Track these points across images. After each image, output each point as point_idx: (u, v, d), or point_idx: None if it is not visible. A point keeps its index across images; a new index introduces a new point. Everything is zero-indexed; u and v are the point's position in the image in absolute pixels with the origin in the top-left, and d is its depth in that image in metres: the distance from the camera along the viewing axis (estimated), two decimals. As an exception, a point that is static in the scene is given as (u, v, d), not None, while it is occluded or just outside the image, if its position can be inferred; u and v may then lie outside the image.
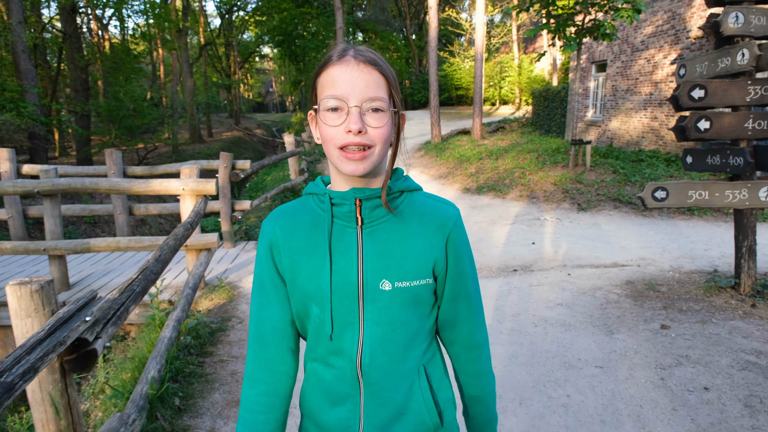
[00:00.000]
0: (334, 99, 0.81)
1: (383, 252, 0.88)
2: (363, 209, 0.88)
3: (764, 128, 3.63)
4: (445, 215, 0.92)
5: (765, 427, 2.25)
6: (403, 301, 0.88)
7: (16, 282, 1.80)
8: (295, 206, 0.94)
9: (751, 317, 3.41)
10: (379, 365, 0.89)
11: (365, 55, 0.83)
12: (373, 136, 0.82)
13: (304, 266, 0.89)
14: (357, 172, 0.82)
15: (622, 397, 2.58)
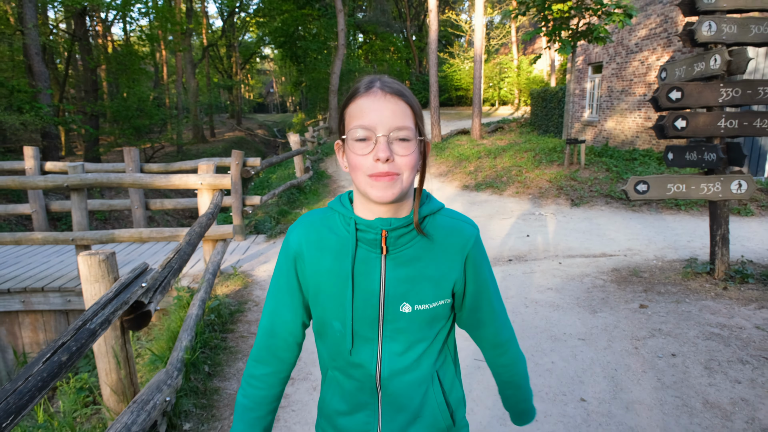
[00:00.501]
0: (362, 129, 0.84)
1: (406, 278, 0.91)
2: (388, 238, 0.90)
3: (735, 127, 3.98)
4: (465, 236, 0.95)
5: (719, 384, 2.60)
6: (422, 322, 0.93)
7: (86, 253, 2.15)
8: (322, 220, 0.96)
9: (722, 298, 3.76)
10: (396, 377, 0.94)
11: (391, 87, 0.86)
12: (401, 164, 0.84)
13: (328, 285, 0.93)
14: (385, 198, 0.84)
15: (600, 363, 2.92)
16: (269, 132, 41.61)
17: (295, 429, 2.46)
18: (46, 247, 6.29)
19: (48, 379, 1.58)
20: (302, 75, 31.80)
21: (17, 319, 5.10)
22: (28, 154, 6.32)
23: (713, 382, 2.62)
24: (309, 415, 2.57)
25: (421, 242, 0.92)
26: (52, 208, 6.59)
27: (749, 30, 3.90)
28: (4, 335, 5.13)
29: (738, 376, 2.67)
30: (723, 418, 2.33)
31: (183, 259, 2.94)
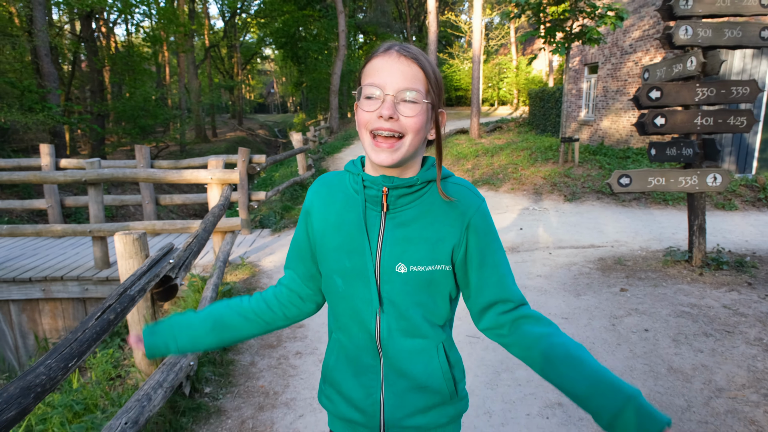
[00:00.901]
0: (371, 86, 0.86)
1: (402, 238, 0.92)
2: (389, 197, 0.92)
3: (710, 124, 4.27)
4: (467, 203, 0.94)
5: (683, 354, 2.89)
6: (417, 285, 0.93)
7: (122, 233, 2.45)
8: (335, 179, 1.01)
9: (696, 282, 4.05)
10: (395, 340, 0.95)
11: (408, 50, 0.87)
12: (405, 124, 0.85)
13: (331, 239, 0.96)
14: (385, 162, 0.86)
15: (579, 338, 3.21)
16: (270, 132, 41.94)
17: (303, 393, 2.75)
18: (61, 240, 6.59)
19: (99, 333, 1.88)
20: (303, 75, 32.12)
21: (38, 307, 5.39)
22: (44, 152, 6.62)
23: (678, 352, 2.92)
24: (315, 382, 2.87)
25: (422, 205, 0.93)
26: (66, 203, 6.90)
27: (723, 34, 4.19)
28: (26, 322, 5.43)
29: (701, 346, 2.96)
30: (684, 381, 2.63)
31: (200, 243, 3.24)
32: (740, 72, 8.61)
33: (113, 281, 5.20)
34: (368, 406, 0.99)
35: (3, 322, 5.41)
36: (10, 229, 5.25)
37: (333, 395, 1.04)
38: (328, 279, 0.99)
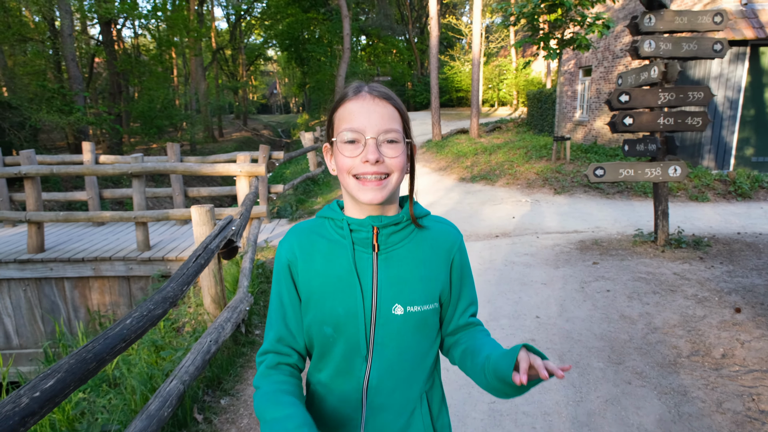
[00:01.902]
0: (351, 132, 0.86)
1: (397, 278, 0.91)
2: (380, 236, 0.92)
3: (671, 123, 5.00)
4: (450, 240, 0.97)
5: (634, 306, 3.63)
6: (413, 326, 0.92)
7: (197, 206, 3.20)
8: (312, 228, 0.97)
9: (657, 257, 4.79)
10: (385, 388, 0.92)
11: (379, 91, 0.88)
12: (390, 165, 0.87)
13: (319, 288, 0.92)
14: (375, 200, 0.86)
15: (554, 298, 3.95)
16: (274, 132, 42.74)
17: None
18: (101, 228, 7.35)
19: (197, 271, 2.63)
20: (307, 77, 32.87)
21: (88, 284, 6.15)
22: (86, 149, 7.38)
23: (630, 305, 3.66)
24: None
25: (411, 243, 0.94)
26: (104, 195, 7.66)
27: (681, 47, 4.92)
28: (77, 297, 6.18)
29: (648, 301, 3.70)
30: (630, 323, 3.37)
31: (245, 218, 3.99)
32: (718, 76, 9.32)
33: (155, 261, 5.95)
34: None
35: (58, 296, 6.17)
36: (65, 215, 6.00)
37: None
38: (315, 330, 0.94)
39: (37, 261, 5.93)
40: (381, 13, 30.86)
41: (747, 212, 6.77)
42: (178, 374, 2.39)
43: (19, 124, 9.99)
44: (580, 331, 3.32)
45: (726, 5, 9.13)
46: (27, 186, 5.99)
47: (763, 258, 4.57)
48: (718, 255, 4.76)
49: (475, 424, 2.41)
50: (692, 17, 4.93)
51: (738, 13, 9.04)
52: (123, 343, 1.88)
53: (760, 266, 4.33)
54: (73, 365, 1.61)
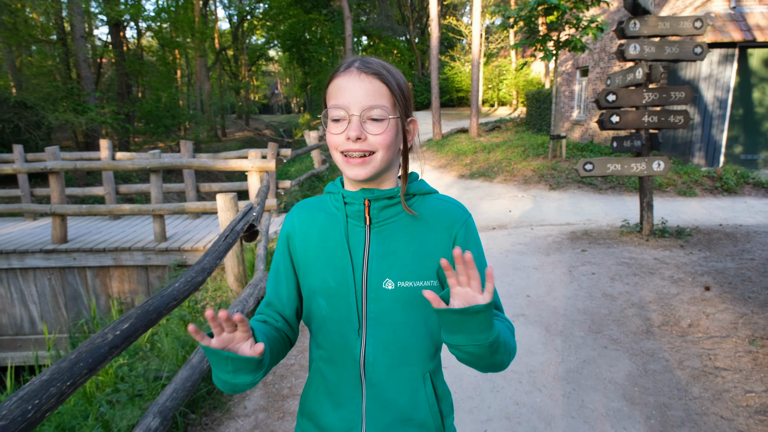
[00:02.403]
0: (336, 108, 0.86)
1: (388, 252, 0.91)
2: (371, 209, 0.92)
3: (655, 121, 5.37)
4: (453, 217, 0.94)
5: (615, 286, 4.00)
6: (406, 302, 0.90)
7: (221, 194, 3.58)
8: (315, 202, 1.00)
9: (641, 245, 5.16)
10: (381, 366, 0.91)
11: (369, 66, 0.87)
12: (374, 142, 0.86)
13: (314, 260, 0.94)
14: (359, 176, 0.87)
15: (544, 280, 4.33)
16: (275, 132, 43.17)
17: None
18: (117, 222, 7.73)
19: (226, 249, 3.00)
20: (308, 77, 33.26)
21: (108, 273, 6.53)
22: (103, 146, 7.75)
23: (612, 285, 4.03)
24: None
25: (407, 218, 0.93)
26: (120, 190, 8.04)
27: (664, 50, 5.29)
28: (98, 285, 6.56)
29: (629, 281, 4.07)
30: (610, 300, 3.74)
31: (262, 207, 4.37)
32: (708, 77, 9.68)
33: (172, 251, 6.33)
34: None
35: (80, 285, 6.56)
36: (88, 208, 6.38)
37: (310, 429, 0.99)
38: (310, 301, 0.96)
39: (61, 251, 6.31)
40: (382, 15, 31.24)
41: (731, 206, 7.14)
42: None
43: (34, 124, 10.39)
44: (565, 307, 3.70)
45: (715, 8, 9.49)
46: (52, 180, 6.37)
47: (738, 246, 4.94)
48: (697, 243, 5.14)
49: (469, 380, 2.78)
50: (674, 23, 5.29)
51: (727, 16, 9.40)
52: (174, 301, 2.26)
53: (734, 252, 4.70)
54: (140, 314, 1.99)
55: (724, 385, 2.59)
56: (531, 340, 3.20)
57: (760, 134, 9.89)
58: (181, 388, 2.29)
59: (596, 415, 2.42)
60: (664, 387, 2.61)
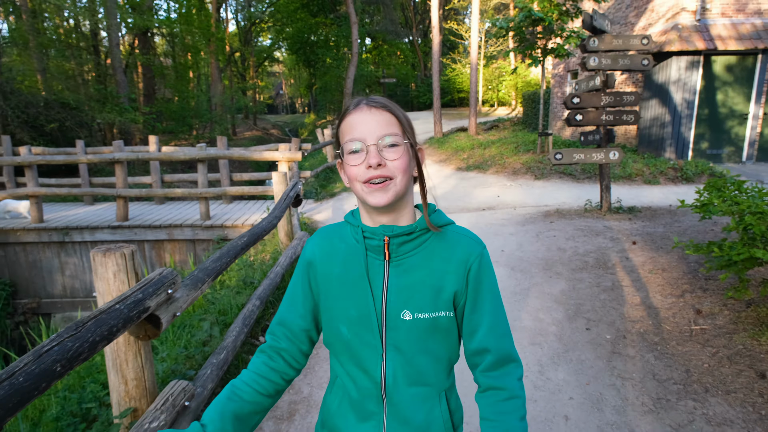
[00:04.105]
0: (353, 141, 0.93)
1: (406, 285, 0.97)
2: (390, 245, 0.97)
3: (611, 119, 6.65)
4: (468, 251, 0.99)
5: (569, 243, 5.30)
6: (422, 331, 0.97)
7: (275, 172, 4.89)
8: (335, 231, 1.06)
9: (598, 218, 6.45)
10: (401, 387, 0.98)
11: (376, 101, 0.95)
12: (393, 168, 0.92)
13: (335, 290, 1.01)
14: (381, 202, 0.92)
15: (516, 241, 5.61)
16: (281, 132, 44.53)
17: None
18: (163, 206, 9.06)
19: (284, 209, 4.31)
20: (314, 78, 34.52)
21: (162, 246, 7.85)
22: (152, 141, 9.09)
23: (566, 242, 5.33)
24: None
25: (423, 253, 0.98)
26: (165, 179, 9.37)
27: (618, 62, 6.57)
28: (154, 256, 7.89)
29: (579, 240, 5.37)
30: (562, 252, 5.03)
31: (296, 191, 5.67)
32: (677, 80, 10.94)
33: (215, 227, 7.64)
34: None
35: (139, 256, 7.87)
36: (147, 191, 7.71)
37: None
38: (331, 329, 1.02)
39: (125, 227, 7.64)
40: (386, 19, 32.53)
41: (686, 192, 8.40)
42: (281, 263, 4.09)
43: (79, 123, 11.73)
44: (529, 257, 4.99)
45: (683, 21, 10.75)
46: (117, 169, 7.69)
47: (674, 218, 6.22)
48: (642, 217, 6.42)
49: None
50: (626, 40, 6.58)
51: (693, 28, 10.66)
52: (264, 232, 3.57)
53: (668, 222, 5.98)
54: (252, 235, 3.29)
55: (623, 295, 3.88)
56: (499, 276, 4.50)
57: (723, 132, 11.15)
58: (269, 286, 3.61)
59: (534, 309, 3.73)
60: (582, 295, 3.91)
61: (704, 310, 3.40)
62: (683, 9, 10.72)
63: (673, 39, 10.51)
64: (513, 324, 3.51)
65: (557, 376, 2.86)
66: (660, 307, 3.59)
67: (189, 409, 2.22)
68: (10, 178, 8.92)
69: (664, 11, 11.37)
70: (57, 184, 9.75)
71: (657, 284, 3.99)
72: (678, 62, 10.77)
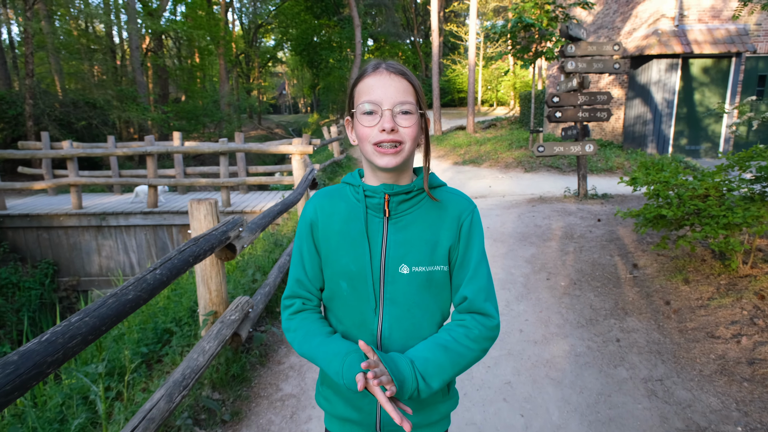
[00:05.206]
0: (369, 104, 0.97)
1: (404, 240, 1.03)
2: (390, 203, 1.03)
3: (587, 116, 7.55)
4: (461, 208, 1.07)
5: (545, 220, 6.20)
6: (419, 284, 1.04)
7: (295, 159, 5.80)
8: (334, 192, 1.11)
9: (574, 203, 7.35)
10: (396, 339, 1.05)
11: (395, 67, 0.99)
12: (404, 134, 0.97)
13: (337, 246, 1.06)
14: (390, 164, 0.97)
15: (500, 220, 6.52)
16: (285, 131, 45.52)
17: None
18: (186, 195, 9.98)
19: (305, 188, 5.23)
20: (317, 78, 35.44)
21: (188, 230, 8.76)
22: (176, 137, 10.01)
23: (542, 221, 6.24)
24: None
25: (420, 210, 1.05)
26: (187, 171, 10.29)
27: (592, 66, 7.47)
28: (181, 239, 8.81)
29: (553, 219, 6.27)
30: (537, 227, 5.94)
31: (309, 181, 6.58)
32: (658, 81, 11.82)
33: (235, 212, 8.56)
34: (366, 404, 1.08)
35: (167, 239, 8.81)
36: (175, 180, 8.63)
37: (331, 396, 1.13)
38: (332, 284, 1.08)
39: (155, 213, 8.57)
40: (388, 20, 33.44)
41: (660, 182, 9.29)
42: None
43: (104, 121, 12.68)
44: (509, 231, 5.91)
45: (662, 26, 11.63)
46: (148, 161, 8.62)
47: (640, 203, 7.12)
48: (613, 202, 7.32)
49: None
50: (599, 47, 7.48)
51: (671, 33, 11.55)
52: (292, 204, 4.48)
53: (633, 206, 6.88)
54: (266, 214, 4.20)
55: (581, 256, 4.78)
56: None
57: (700, 129, 12.03)
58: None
59: (508, 266, 4.64)
60: (547, 257, 4.82)
61: (639, 264, 4.31)
62: (663, 15, 11.60)
63: (653, 43, 11.40)
64: (489, 276, 4.42)
65: (519, 308, 3.78)
66: (606, 264, 4.51)
67: (249, 316, 3.13)
68: (48, 171, 9.86)
69: (647, 17, 12.26)
70: (91, 176, 10.69)
71: (609, 249, 4.90)
72: (658, 65, 11.66)
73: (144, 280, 1.92)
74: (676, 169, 3.87)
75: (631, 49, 12.26)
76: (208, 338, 2.56)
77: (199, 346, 2.48)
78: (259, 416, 2.55)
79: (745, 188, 3.58)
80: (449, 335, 1.03)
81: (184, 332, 3.44)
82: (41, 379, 1.37)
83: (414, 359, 0.98)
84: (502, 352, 3.11)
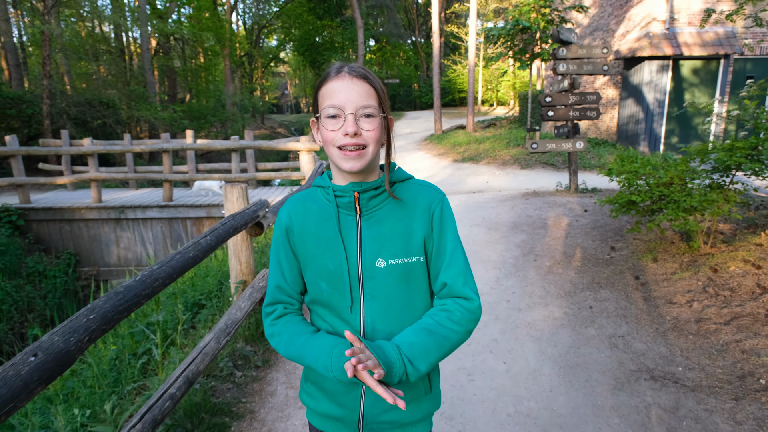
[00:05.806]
0: (332, 108, 0.99)
1: (378, 235, 1.06)
2: (360, 200, 1.06)
3: (578, 115, 8.04)
4: (430, 198, 1.09)
5: (535, 211, 6.70)
6: (397, 277, 1.07)
7: (305, 153, 6.30)
8: (306, 196, 1.14)
9: (565, 196, 7.85)
10: (379, 333, 1.07)
11: (357, 71, 1.00)
12: (367, 137, 1.00)
13: (313, 248, 1.09)
14: (355, 168, 1.01)
15: (495, 211, 7.02)
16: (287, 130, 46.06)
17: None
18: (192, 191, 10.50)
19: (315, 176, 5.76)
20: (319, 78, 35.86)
21: (202, 222, 9.28)
22: (188, 134, 10.52)
23: (534, 211, 6.74)
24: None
25: (391, 204, 1.08)
26: (199, 168, 10.80)
27: (582, 68, 7.96)
28: (195, 231, 9.32)
29: (544, 209, 6.77)
30: (529, 217, 6.44)
31: (318, 173, 7.09)
32: (649, 82, 12.30)
33: (247, 206, 9.06)
34: (349, 401, 1.09)
35: (182, 231, 9.32)
36: (189, 176, 9.14)
37: (315, 392, 1.15)
38: (313, 286, 1.11)
39: (171, 206, 9.08)
40: (390, 21, 33.94)
41: (649, 178, 9.78)
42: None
43: (117, 120, 13.20)
44: (503, 220, 6.41)
45: (654, 29, 12.11)
46: (164, 157, 9.12)
47: (627, 196, 7.61)
48: (601, 195, 7.81)
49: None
50: (589, 50, 7.97)
51: (662, 35, 12.03)
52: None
53: (620, 198, 7.37)
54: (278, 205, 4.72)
55: (566, 242, 5.28)
56: (478, 234, 5.90)
57: (690, 128, 12.51)
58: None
59: (500, 250, 5.14)
60: (536, 242, 5.32)
61: (617, 247, 4.81)
62: (654, 19, 12.09)
63: (645, 45, 11.89)
64: (483, 259, 4.92)
65: (507, 283, 4.28)
66: (588, 247, 5.01)
67: (273, 286, 3.65)
68: (67, 167, 10.38)
69: (639, 20, 12.74)
70: (110, 171, 11.21)
71: (592, 235, 5.39)
72: (650, 66, 12.14)
73: (199, 243, 2.43)
74: (648, 161, 4.36)
75: (625, 50, 12.75)
76: (243, 299, 3.07)
77: (235, 305, 2.98)
78: (286, 363, 3.06)
79: (707, 178, 4.08)
80: (432, 319, 1.07)
81: (213, 304, 3.96)
82: (135, 308, 1.87)
83: (400, 344, 1.01)
84: (490, 317, 3.61)
